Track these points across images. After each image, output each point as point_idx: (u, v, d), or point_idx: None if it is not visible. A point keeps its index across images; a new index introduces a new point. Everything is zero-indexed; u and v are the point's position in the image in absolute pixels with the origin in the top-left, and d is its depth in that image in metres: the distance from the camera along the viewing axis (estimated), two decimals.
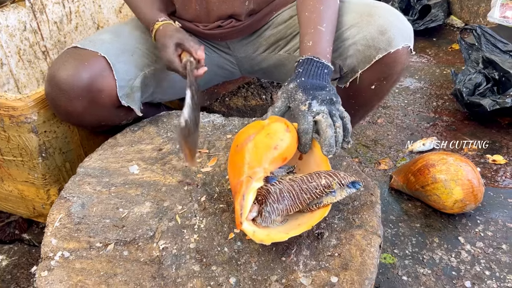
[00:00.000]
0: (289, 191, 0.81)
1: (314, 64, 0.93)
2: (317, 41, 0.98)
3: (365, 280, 0.75)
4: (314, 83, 0.90)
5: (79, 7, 1.54)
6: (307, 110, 0.86)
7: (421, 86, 2.22)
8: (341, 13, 1.12)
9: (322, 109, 0.86)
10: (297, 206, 0.82)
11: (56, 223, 0.89)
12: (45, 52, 1.49)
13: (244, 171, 0.81)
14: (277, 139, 0.83)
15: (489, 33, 1.91)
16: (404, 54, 1.08)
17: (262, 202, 0.81)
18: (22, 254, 1.37)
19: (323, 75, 0.93)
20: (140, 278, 0.78)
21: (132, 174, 1.01)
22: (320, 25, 1.01)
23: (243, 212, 0.77)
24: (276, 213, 0.81)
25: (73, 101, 1.05)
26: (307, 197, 0.81)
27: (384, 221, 1.39)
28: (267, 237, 0.78)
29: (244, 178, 0.80)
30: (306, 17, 1.04)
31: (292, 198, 0.81)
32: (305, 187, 0.81)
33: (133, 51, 1.16)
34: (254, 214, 0.81)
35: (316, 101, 0.87)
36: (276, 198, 0.81)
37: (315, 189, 0.81)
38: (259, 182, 0.81)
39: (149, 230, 0.87)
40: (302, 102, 0.87)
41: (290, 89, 0.90)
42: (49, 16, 1.46)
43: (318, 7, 1.03)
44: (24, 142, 1.13)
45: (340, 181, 0.82)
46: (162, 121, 1.19)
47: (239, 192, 0.79)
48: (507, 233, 1.32)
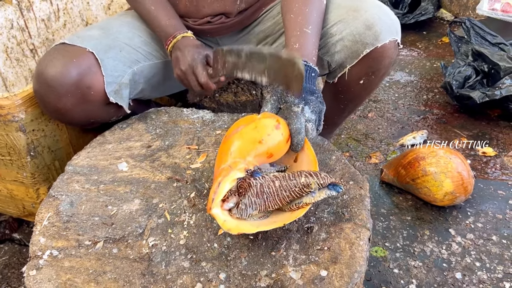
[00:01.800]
0: (269, 187, 0.81)
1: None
2: (303, 44, 0.99)
3: (355, 273, 0.76)
4: (304, 86, 0.90)
5: (67, 4, 1.53)
6: (300, 112, 0.87)
7: (412, 80, 2.23)
8: (328, 9, 1.12)
9: (313, 119, 0.88)
10: (276, 203, 0.81)
11: (45, 222, 0.88)
12: (33, 50, 1.48)
13: (226, 160, 0.82)
14: (263, 134, 0.84)
15: (478, 25, 1.92)
16: (391, 48, 1.09)
17: (241, 194, 0.81)
18: (12, 254, 1.36)
19: (311, 78, 0.94)
20: (129, 276, 0.78)
21: (121, 172, 1.01)
22: (306, 28, 1.01)
23: (215, 198, 0.77)
24: (253, 207, 0.80)
25: (62, 98, 1.04)
26: (286, 194, 0.80)
27: (375, 214, 1.39)
28: (236, 227, 0.78)
29: (224, 166, 0.81)
30: (291, 19, 1.03)
31: (272, 194, 0.81)
32: (285, 184, 0.81)
33: (122, 47, 1.15)
34: (231, 205, 0.81)
35: (309, 107, 0.88)
36: (255, 192, 0.80)
37: (294, 187, 0.80)
38: (239, 172, 0.80)
39: (138, 227, 0.87)
40: (295, 104, 0.87)
41: (280, 91, 0.91)
42: (37, 13, 1.44)
43: (303, 9, 1.03)
44: (12, 141, 1.12)
45: (319, 181, 0.80)
46: (151, 118, 1.18)
47: (216, 179, 0.79)
48: (497, 225, 1.33)
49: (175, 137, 1.11)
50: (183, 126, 1.15)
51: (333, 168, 0.98)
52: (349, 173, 0.96)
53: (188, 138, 1.11)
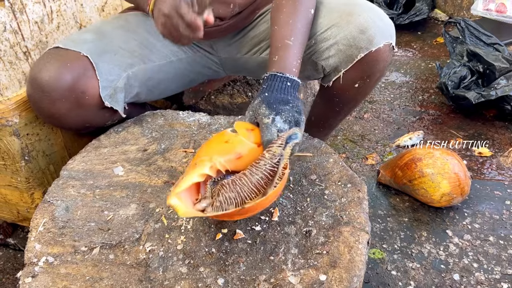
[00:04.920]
0: (240, 178, 0.81)
1: (278, 79, 0.95)
2: (282, 56, 0.99)
3: (354, 277, 0.75)
4: (278, 97, 0.91)
5: (60, 6, 1.51)
6: (271, 123, 0.87)
7: (407, 80, 2.23)
8: (321, 13, 1.11)
9: (286, 129, 0.88)
10: (252, 191, 0.81)
11: (40, 228, 0.87)
12: (26, 52, 1.46)
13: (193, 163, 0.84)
14: (229, 136, 0.87)
15: (473, 26, 1.93)
16: (386, 52, 1.08)
17: (217, 195, 0.82)
18: (7, 259, 1.34)
19: (287, 88, 0.94)
20: (126, 282, 0.77)
21: (116, 176, 1.00)
22: (288, 39, 1.01)
23: (173, 188, 0.79)
24: (228, 202, 0.80)
25: (56, 103, 1.03)
26: (259, 177, 0.81)
27: (372, 216, 1.39)
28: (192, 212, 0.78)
29: (190, 165, 0.84)
30: (275, 31, 1.04)
31: (245, 184, 0.81)
32: (254, 169, 0.82)
33: (116, 51, 1.14)
34: (204, 205, 0.81)
35: (280, 117, 0.88)
36: (228, 188, 0.81)
37: (264, 166, 0.81)
38: (206, 168, 0.82)
39: (135, 233, 0.86)
40: (266, 116, 0.88)
41: (255, 105, 0.92)
42: (30, 16, 1.43)
43: (287, 21, 1.03)
44: (6, 146, 1.11)
45: (279, 143, 0.83)
46: (147, 121, 1.17)
47: (182, 175, 0.82)
48: (494, 225, 1.33)
49: (171, 140, 1.10)
50: (179, 129, 1.14)
51: (330, 171, 0.97)
52: (347, 176, 0.95)
53: (185, 141, 1.10)
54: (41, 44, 1.49)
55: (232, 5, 1.17)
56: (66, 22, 1.56)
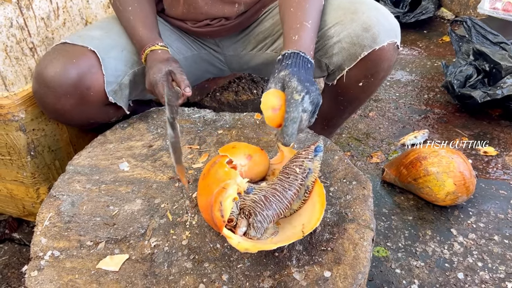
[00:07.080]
0: (273, 194, 0.80)
1: (301, 58, 0.91)
2: (302, 36, 0.97)
3: (358, 274, 0.75)
4: (304, 76, 0.87)
5: (66, 3, 1.52)
6: (300, 101, 0.82)
7: (413, 79, 2.22)
8: (326, 10, 1.11)
9: (309, 110, 0.84)
10: (286, 207, 0.80)
11: (46, 222, 0.87)
12: (32, 48, 1.47)
13: (216, 187, 0.78)
14: (234, 143, 0.89)
15: (479, 24, 1.92)
16: (390, 50, 1.08)
17: (250, 214, 0.79)
18: (12, 254, 1.35)
19: (309, 70, 0.91)
20: (131, 276, 0.77)
21: (122, 171, 1.00)
22: (306, 22, 0.99)
23: (224, 215, 0.74)
24: (268, 220, 0.78)
25: (61, 99, 1.04)
26: (292, 192, 0.80)
27: (377, 214, 1.39)
28: (253, 246, 0.74)
29: (217, 190, 0.77)
30: (291, 12, 1.02)
31: (280, 200, 0.79)
32: (286, 184, 0.80)
33: (123, 47, 1.14)
34: (244, 229, 0.79)
35: (309, 97, 0.83)
36: (263, 205, 0.79)
37: (295, 181, 0.80)
38: (234, 190, 0.77)
39: (140, 228, 0.86)
40: (298, 92, 0.83)
41: (282, 76, 0.86)
42: (36, 12, 1.43)
43: (303, 5, 1.02)
44: (12, 141, 1.11)
45: (307, 157, 0.82)
46: (152, 117, 1.18)
47: (216, 201, 0.75)
48: (499, 224, 1.33)
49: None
50: (185, 126, 1.14)
51: (335, 168, 0.97)
52: (352, 173, 0.95)
53: (190, 137, 1.10)
54: (47, 40, 1.50)
55: (237, 5, 1.17)
56: (72, 18, 1.57)
